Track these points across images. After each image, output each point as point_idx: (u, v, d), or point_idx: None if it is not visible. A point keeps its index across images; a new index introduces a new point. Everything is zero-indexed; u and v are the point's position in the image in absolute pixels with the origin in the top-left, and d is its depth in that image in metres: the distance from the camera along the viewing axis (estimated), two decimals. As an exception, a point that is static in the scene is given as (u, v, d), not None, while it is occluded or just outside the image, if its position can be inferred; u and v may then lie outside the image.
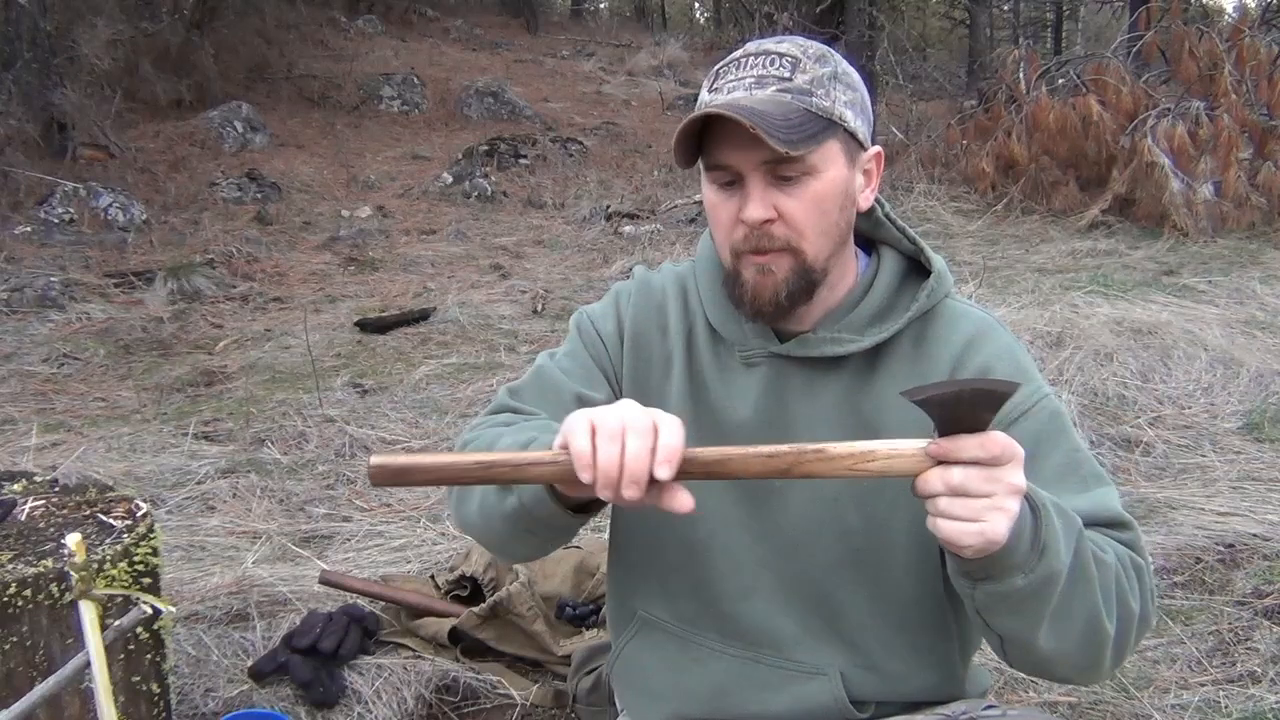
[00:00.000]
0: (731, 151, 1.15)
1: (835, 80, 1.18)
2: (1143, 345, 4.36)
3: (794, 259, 1.18)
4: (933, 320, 1.25)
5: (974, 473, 0.93)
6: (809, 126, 1.14)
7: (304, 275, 6.66)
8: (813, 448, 0.97)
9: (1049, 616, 1.05)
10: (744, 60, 1.19)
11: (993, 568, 1.00)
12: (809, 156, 1.14)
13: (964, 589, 1.06)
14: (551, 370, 1.32)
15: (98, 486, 1.85)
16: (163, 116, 9.62)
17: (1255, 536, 2.82)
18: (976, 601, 1.05)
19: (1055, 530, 1.02)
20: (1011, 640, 1.10)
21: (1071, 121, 7.92)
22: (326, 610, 2.28)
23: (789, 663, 1.27)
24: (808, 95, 1.15)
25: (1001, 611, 1.05)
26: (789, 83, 1.16)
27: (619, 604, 1.39)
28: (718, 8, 19.81)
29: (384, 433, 3.86)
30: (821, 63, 1.18)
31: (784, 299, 1.19)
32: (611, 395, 1.31)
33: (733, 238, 1.19)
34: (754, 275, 1.19)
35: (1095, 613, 1.07)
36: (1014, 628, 1.07)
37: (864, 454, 0.96)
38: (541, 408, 1.27)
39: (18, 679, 1.50)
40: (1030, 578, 1.01)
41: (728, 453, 0.98)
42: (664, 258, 6.82)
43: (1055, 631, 1.06)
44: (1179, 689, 2.18)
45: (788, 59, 1.17)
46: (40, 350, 4.97)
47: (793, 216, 1.16)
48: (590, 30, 18.53)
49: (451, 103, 11.78)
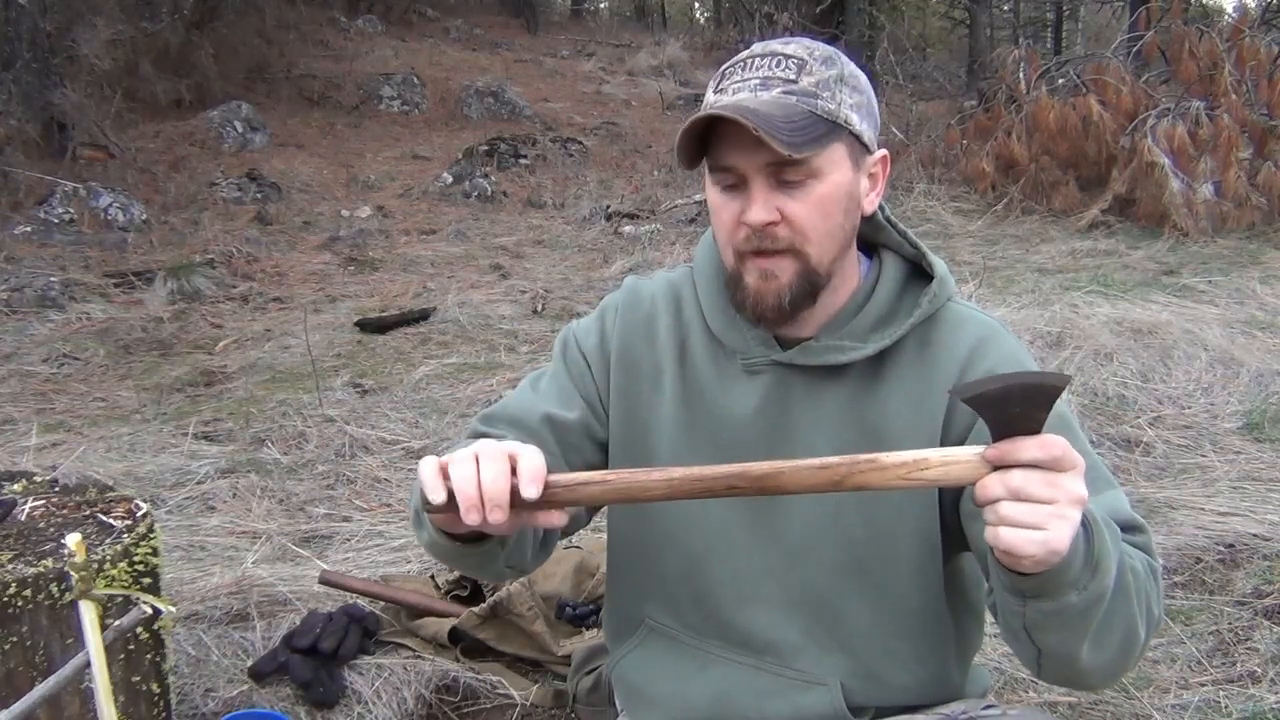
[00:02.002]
0: (735, 153, 1.14)
1: (841, 83, 1.17)
2: (1143, 345, 4.36)
3: (798, 262, 1.17)
4: (936, 325, 1.24)
5: (1035, 476, 0.91)
6: (813, 129, 1.13)
7: (304, 275, 6.66)
8: (865, 458, 0.94)
9: (1094, 631, 1.02)
10: (750, 61, 1.18)
11: (1048, 584, 0.97)
12: (813, 159, 1.13)
13: (1011, 606, 1.02)
14: (524, 392, 1.35)
15: (98, 486, 1.84)
16: (163, 116, 9.62)
17: (1255, 536, 2.81)
18: (1026, 619, 1.02)
19: (1107, 545, 1.00)
20: (1053, 655, 1.06)
21: (1071, 121, 7.91)
22: (326, 610, 2.28)
23: (790, 671, 1.27)
24: (813, 98, 1.14)
25: (1050, 629, 1.02)
26: (794, 85, 1.15)
27: (622, 610, 1.39)
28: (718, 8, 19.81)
29: (384, 433, 3.85)
30: (828, 65, 1.17)
31: (787, 304, 1.18)
32: (588, 413, 1.32)
33: (735, 239, 1.18)
34: (756, 280, 1.18)
35: (1133, 623, 1.06)
36: (1060, 643, 1.04)
37: (917, 463, 0.93)
38: (510, 430, 1.28)
39: (18, 679, 1.50)
40: (1084, 595, 0.98)
41: (779, 466, 0.97)
42: (664, 258, 6.82)
43: (1097, 645, 1.04)
44: (1179, 689, 2.17)
45: (793, 60, 1.16)
46: (40, 350, 4.97)
47: (796, 219, 1.15)
48: (590, 30, 18.52)
49: (451, 103, 11.78)
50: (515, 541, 1.18)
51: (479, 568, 1.23)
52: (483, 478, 0.97)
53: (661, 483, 0.98)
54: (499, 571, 1.21)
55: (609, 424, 1.33)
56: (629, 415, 1.32)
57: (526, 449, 1.00)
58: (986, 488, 0.92)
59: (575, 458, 1.32)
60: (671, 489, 0.98)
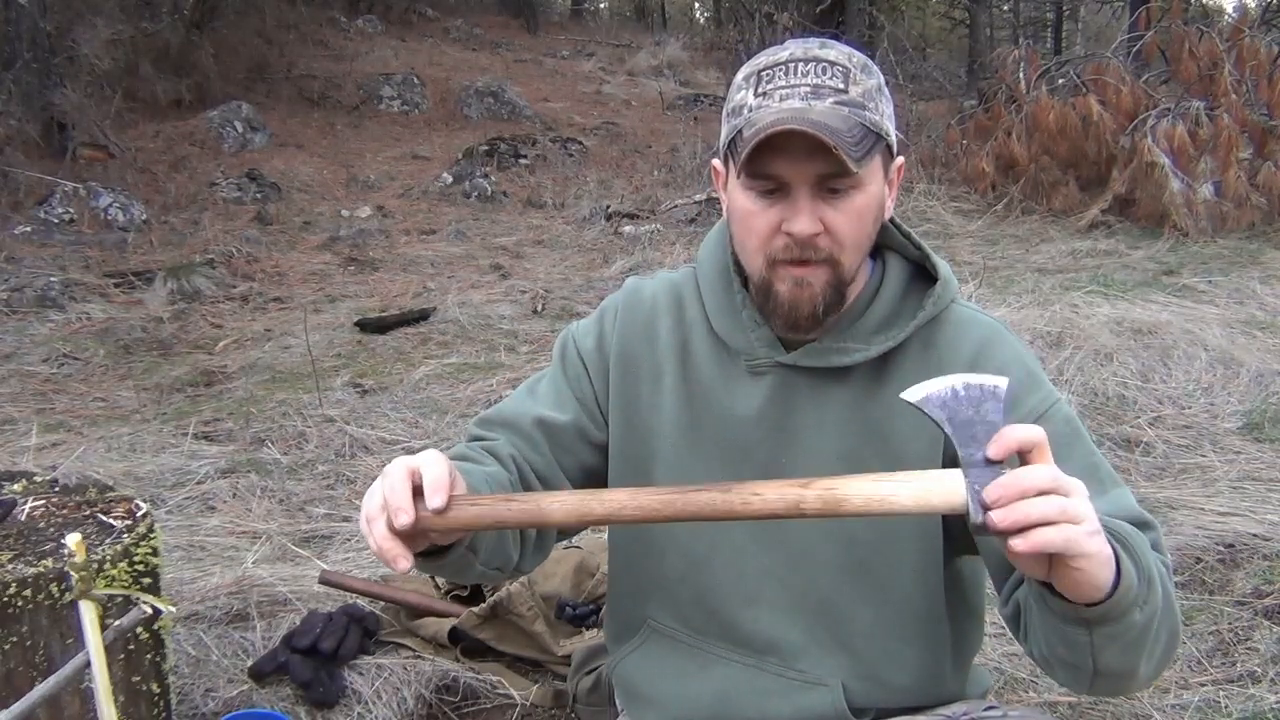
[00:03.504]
0: (784, 164, 1.12)
1: (880, 93, 1.17)
2: (1143, 345, 4.36)
3: (831, 272, 1.17)
4: (940, 326, 1.24)
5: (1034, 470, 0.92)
6: (866, 143, 1.12)
7: (304, 275, 6.66)
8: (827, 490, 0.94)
9: (1150, 642, 1.02)
10: (794, 66, 1.15)
11: (1113, 609, 0.96)
12: (862, 172, 1.13)
13: (1076, 637, 1.00)
14: (521, 396, 1.36)
15: (98, 486, 1.84)
16: (163, 116, 9.62)
17: (1255, 536, 2.81)
18: (1094, 647, 1.00)
19: (1148, 557, 1.01)
20: (1112, 674, 1.04)
21: (1071, 121, 7.91)
22: (326, 610, 2.28)
23: (792, 672, 1.27)
24: (861, 109, 1.13)
25: (1117, 650, 1.01)
26: (845, 95, 1.13)
27: (624, 612, 1.39)
28: (718, 8, 19.80)
29: (384, 433, 3.85)
30: (868, 74, 1.16)
31: (820, 312, 1.18)
32: (582, 415, 1.33)
33: (771, 247, 1.17)
34: (790, 288, 1.17)
35: (1175, 626, 1.07)
36: (1123, 662, 1.03)
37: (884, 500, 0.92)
38: (503, 433, 1.30)
39: (18, 679, 1.50)
40: (1145, 609, 0.98)
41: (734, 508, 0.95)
42: (664, 258, 6.82)
43: (1151, 654, 1.04)
44: (1179, 689, 2.17)
45: (839, 69, 1.15)
46: (40, 350, 4.97)
47: (838, 230, 1.15)
48: (590, 30, 18.52)
49: (451, 103, 11.78)
50: (493, 545, 1.17)
51: (457, 574, 1.23)
52: (384, 488, 0.98)
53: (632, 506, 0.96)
54: (482, 574, 1.20)
55: (608, 426, 1.33)
56: (628, 417, 1.32)
57: (429, 460, 0.99)
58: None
59: (569, 460, 1.32)
60: (642, 512, 0.96)
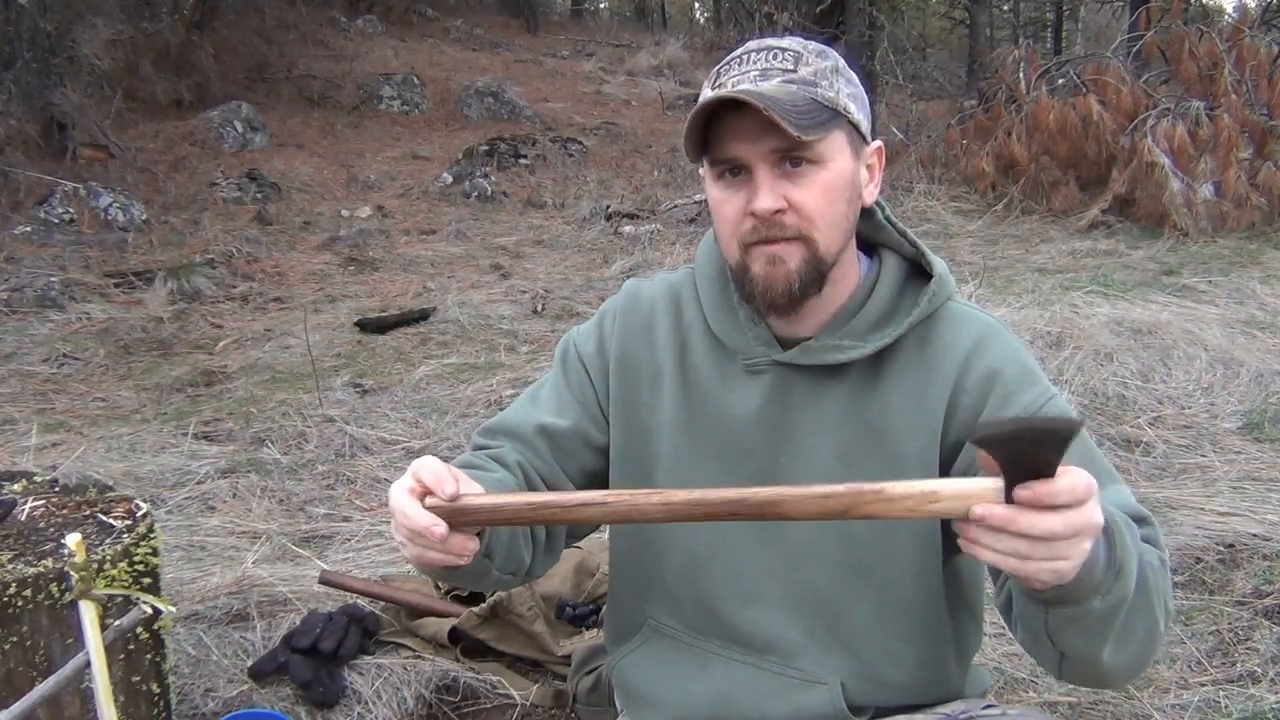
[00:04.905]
0: (738, 143, 1.15)
1: (837, 74, 1.19)
2: (1143, 345, 4.36)
3: (806, 249, 1.17)
4: (936, 324, 1.24)
5: (1056, 519, 0.89)
6: (817, 114, 1.14)
7: (304, 275, 6.66)
8: (870, 489, 0.93)
9: (1116, 632, 1.02)
10: (746, 56, 1.20)
11: (1071, 593, 0.96)
12: (817, 145, 1.14)
13: (1033, 613, 1.02)
14: (523, 403, 1.37)
15: (98, 486, 1.85)
16: (163, 116, 9.62)
17: (1255, 536, 2.81)
18: (1049, 625, 1.01)
19: (1129, 549, 1.00)
20: (1076, 658, 1.05)
21: (1071, 121, 7.91)
22: (326, 610, 2.28)
23: (791, 670, 1.27)
24: (813, 86, 1.15)
25: (1073, 633, 1.01)
26: (793, 74, 1.16)
27: (625, 613, 1.39)
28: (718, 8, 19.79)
29: (384, 433, 3.85)
30: (822, 57, 1.19)
31: (796, 290, 1.18)
32: (584, 419, 1.33)
33: (740, 230, 1.18)
34: (764, 267, 1.18)
35: (1153, 621, 1.06)
36: (1083, 646, 1.03)
37: (925, 495, 0.91)
38: (506, 441, 1.31)
39: (18, 679, 1.50)
40: (1107, 599, 0.98)
41: (782, 494, 0.96)
42: (664, 258, 6.82)
43: (1120, 645, 1.04)
44: (1179, 689, 2.17)
45: (789, 53, 1.18)
46: (40, 350, 4.97)
47: (803, 205, 1.15)
48: (590, 30, 18.53)
49: (451, 103, 11.78)
50: (506, 549, 1.18)
51: (475, 581, 1.25)
52: (398, 521, 1.02)
53: (660, 505, 0.98)
54: (499, 580, 1.21)
55: (609, 429, 1.34)
56: (629, 419, 1.32)
57: (422, 466, 1.03)
58: (1014, 523, 0.90)
59: (571, 465, 1.32)
60: (670, 512, 0.98)
